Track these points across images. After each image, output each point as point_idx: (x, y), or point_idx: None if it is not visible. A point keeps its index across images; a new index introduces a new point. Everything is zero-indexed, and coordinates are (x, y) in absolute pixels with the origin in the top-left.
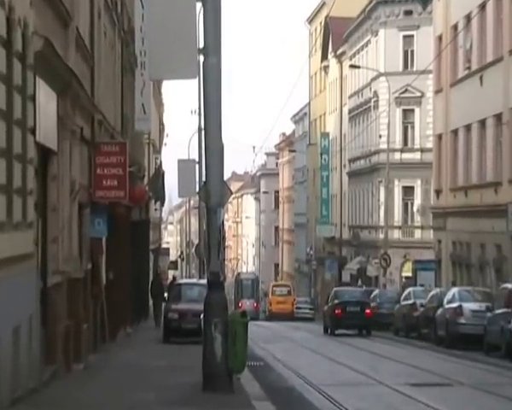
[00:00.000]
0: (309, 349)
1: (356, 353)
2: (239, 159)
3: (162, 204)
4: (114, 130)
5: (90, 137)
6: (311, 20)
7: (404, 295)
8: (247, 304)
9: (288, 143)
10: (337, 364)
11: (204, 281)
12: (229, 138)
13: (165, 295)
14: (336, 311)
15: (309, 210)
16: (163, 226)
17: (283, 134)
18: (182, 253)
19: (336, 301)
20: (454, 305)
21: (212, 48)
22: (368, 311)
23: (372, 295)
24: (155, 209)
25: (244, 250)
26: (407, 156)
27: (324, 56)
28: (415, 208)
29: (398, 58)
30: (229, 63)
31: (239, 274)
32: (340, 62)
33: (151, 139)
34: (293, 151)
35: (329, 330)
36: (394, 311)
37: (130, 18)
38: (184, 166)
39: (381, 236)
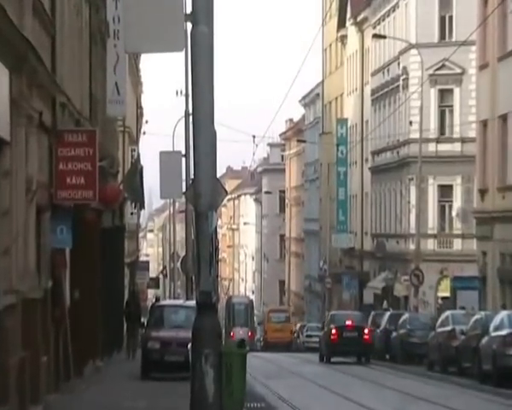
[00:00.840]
0: (322, 387)
1: (381, 392)
2: (236, 151)
3: (141, 207)
4: (81, 115)
5: (51, 123)
6: None
7: (440, 320)
8: (239, 333)
9: (296, 131)
10: (359, 406)
11: (192, 303)
12: (223, 125)
13: (144, 320)
14: (332, 337)
15: (322, 215)
16: (141, 235)
17: (290, 120)
18: (164, 268)
19: (332, 326)
20: (503, 333)
21: (203, 13)
22: (366, 337)
23: (400, 321)
24: (132, 214)
25: (242, 264)
26: (444, 148)
27: (341, 24)
28: (454, 213)
29: (432, 26)
30: (224, 33)
31: (230, 298)
32: (361, 31)
33: (126, 127)
34: (303, 141)
35: (325, 358)
36: (428, 340)
37: None
38: (168, 159)
39: (412, 247)
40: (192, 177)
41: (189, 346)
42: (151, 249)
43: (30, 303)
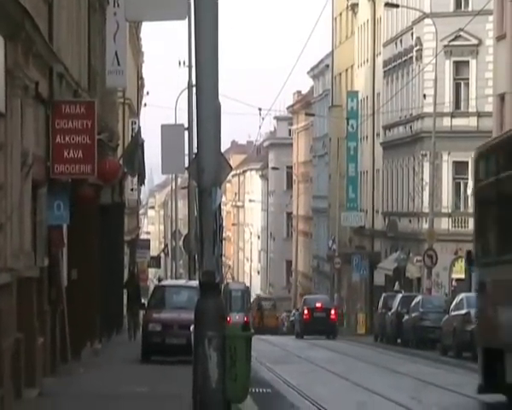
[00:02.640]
0: (333, 373)
1: (392, 378)
2: (241, 124)
3: (141, 183)
4: (79, 86)
5: (48, 94)
6: None
7: (454, 303)
8: (236, 318)
9: (304, 104)
10: (372, 394)
11: (195, 283)
12: (228, 97)
13: (144, 300)
14: (304, 316)
15: (331, 192)
16: (142, 212)
17: (298, 93)
18: (166, 246)
19: (304, 308)
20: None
21: None
22: (333, 316)
23: (413, 303)
24: (132, 190)
25: (247, 244)
26: (459, 123)
27: None
28: (469, 190)
29: None
30: (229, 0)
31: (227, 284)
32: (373, 0)
33: (127, 98)
34: (311, 115)
35: (299, 335)
36: (442, 324)
37: None
38: (170, 133)
39: (426, 226)
40: (195, 151)
41: (192, 328)
42: (152, 227)
43: (25, 282)
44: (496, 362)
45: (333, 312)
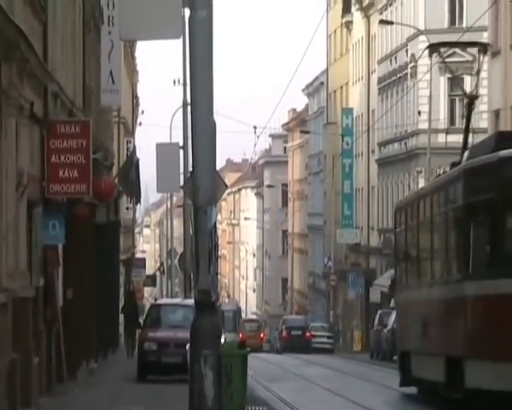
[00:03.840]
0: (329, 391)
1: (391, 396)
2: (236, 142)
3: (137, 202)
4: (74, 105)
5: (43, 114)
6: None
7: None
8: (229, 338)
9: (299, 121)
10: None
11: (190, 301)
12: (223, 116)
13: (141, 320)
14: (284, 335)
15: (327, 209)
16: (137, 231)
17: (293, 110)
18: (161, 265)
19: (284, 327)
20: None
21: None
22: (307, 335)
23: None
24: (127, 208)
25: (242, 261)
26: (454, 139)
27: (346, 9)
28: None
29: (442, 11)
30: (223, 18)
31: (219, 305)
32: (367, 17)
33: (121, 117)
34: (307, 132)
35: (279, 352)
36: None
37: None
38: (165, 152)
39: None
40: (190, 170)
41: (188, 347)
42: (147, 246)
43: (21, 302)
44: (408, 362)
45: (307, 332)
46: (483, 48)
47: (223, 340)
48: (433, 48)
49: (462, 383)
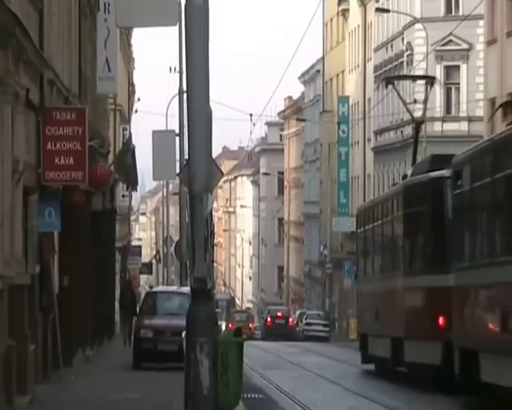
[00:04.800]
0: (325, 379)
1: (386, 384)
2: (232, 130)
3: (133, 189)
4: (70, 92)
5: (39, 101)
6: None
7: None
8: (222, 327)
9: (295, 109)
10: (362, 398)
11: (186, 289)
12: (219, 103)
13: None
14: (268, 323)
15: (323, 198)
16: (133, 218)
17: (289, 98)
18: (157, 252)
19: (268, 316)
20: None
21: None
22: (291, 323)
23: None
24: (123, 196)
25: (238, 249)
26: (450, 127)
27: None
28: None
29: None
30: (220, 6)
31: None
32: (364, 5)
33: (118, 105)
34: (303, 120)
35: (264, 339)
36: None
37: None
38: (161, 139)
39: None
40: (186, 157)
41: (183, 334)
42: (143, 233)
43: (17, 290)
44: (366, 343)
45: (291, 320)
46: (430, 81)
47: (223, 327)
48: (388, 80)
49: (403, 359)
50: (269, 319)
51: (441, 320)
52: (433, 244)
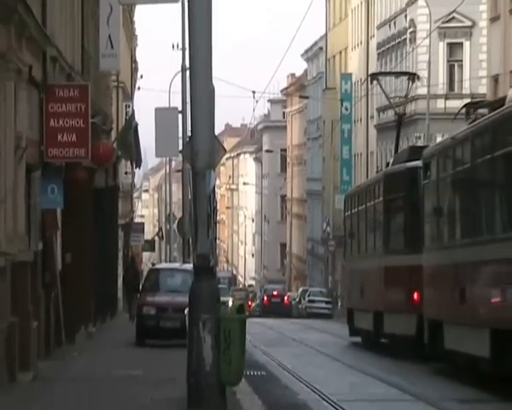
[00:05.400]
0: (327, 356)
1: (388, 362)
2: (235, 107)
3: (136, 166)
4: (73, 69)
5: (42, 78)
6: None
7: None
8: (230, 302)
9: (298, 87)
10: (363, 375)
11: (189, 266)
12: (222, 80)
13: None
14: (264, 302)
15: (325, 175)
16: (136, 195)
17: (292, 75)
18: (160, 229)
19: (264, 295)
20: None
21: None
22: (286, 302)
23: None
24: (126, 173)
25: (241, 226)
26: (453, 104)
27: None
28: None
29: None
30: None
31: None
32: None
33: (120, 82)
34: (305, 98)
35: (260, 316)
36: None
37: None
38: (163, 116)
39: None
40: (189, 134)
41: (186, 311)
42: (146, 210)
43: (19, 266)
44: (352, 317)
45: (286, 298)
46: (412, 77)
47: (230, 303)
48: (373, 76)
49: (383, 331)
50: (265, 297)
51: (416, 296)
52: (409, 228)
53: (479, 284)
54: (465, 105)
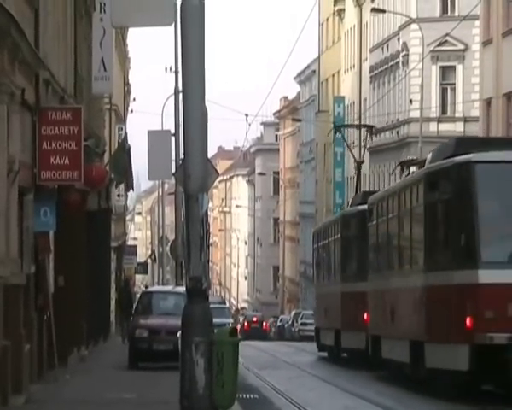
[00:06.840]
0: (320, 379)
1: (381, 385)
2: (227, 130)
3: (129, 189)
4: (65, 92)
5: (34, 101)
6: None
7: None
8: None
9: (291, 110)
10: (356, 398)
11: (182, 289)
12: (214, 103)
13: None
14: (245, 327)
15: (318, 197)
16: (128, 218)
17: (285, 98)
18: (153, 252)
19: (245, 320)
20: None
21: None
22: (265, 327)
23: None
24: (119, 196)
25: (234, 249)
26: (446, 127)
27: None
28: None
29: (434, 0)
30: (216, 6)
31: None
32: (359, 5)
33: (113, 104)
34: (298, 120)
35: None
36: None
37: None
38: (156, 139)
39: None
40: (182, 157)
41: (179, 334)
42: (139, 233)
43: (12, 290)
44: (319, 335)
45: (264, 324)
46: (370, 129)
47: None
48: (337, 128)
49: (341, 346)
50: (246, 323)
51: (365, 316)
52: (359, 260)
53: (402, 305)
54: (400, 163)
